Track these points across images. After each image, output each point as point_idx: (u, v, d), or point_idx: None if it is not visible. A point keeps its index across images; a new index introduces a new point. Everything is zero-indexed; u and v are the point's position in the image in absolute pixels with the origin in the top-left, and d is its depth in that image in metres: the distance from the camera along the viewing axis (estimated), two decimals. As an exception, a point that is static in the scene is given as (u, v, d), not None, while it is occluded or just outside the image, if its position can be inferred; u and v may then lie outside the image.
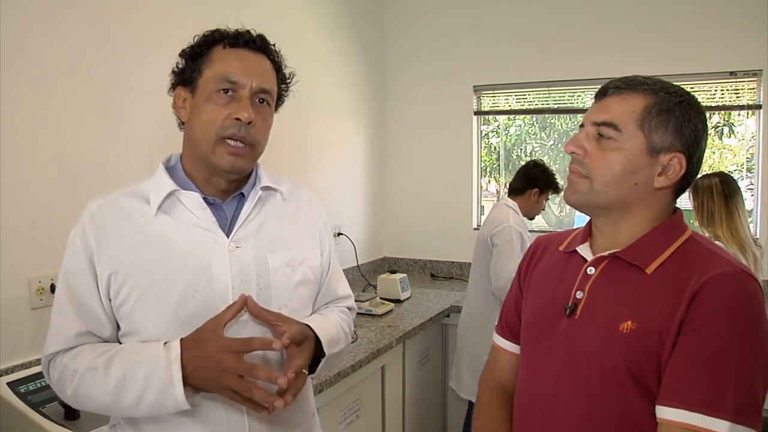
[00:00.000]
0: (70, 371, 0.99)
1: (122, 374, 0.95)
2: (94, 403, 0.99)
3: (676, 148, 0.94)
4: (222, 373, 0.92)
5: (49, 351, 1.03)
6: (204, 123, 1.01)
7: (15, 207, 1.61)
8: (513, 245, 2.42)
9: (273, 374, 0.93)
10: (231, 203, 1.09)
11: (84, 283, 1.01)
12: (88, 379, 0.97)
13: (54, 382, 1.04)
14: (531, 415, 1.03)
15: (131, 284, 1.00)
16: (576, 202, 1.00)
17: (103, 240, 1.01)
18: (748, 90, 2.96)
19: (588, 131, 0.98)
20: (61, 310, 1.03)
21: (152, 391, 0.93)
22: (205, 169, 1.05)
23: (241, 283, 1.03)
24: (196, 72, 1.03)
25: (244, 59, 1.03)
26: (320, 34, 3.05)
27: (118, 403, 0.96)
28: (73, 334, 1.01)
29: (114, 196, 1.06)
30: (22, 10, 1.62)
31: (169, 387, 0.92)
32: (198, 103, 1.03)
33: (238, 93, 1.01)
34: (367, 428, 2.29)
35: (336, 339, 1.11)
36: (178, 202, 1.04)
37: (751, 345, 0.84)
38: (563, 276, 1.04)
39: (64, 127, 1.74)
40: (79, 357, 0.99)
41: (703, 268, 0.89)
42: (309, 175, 2.98)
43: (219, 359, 0.92)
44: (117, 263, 1.00)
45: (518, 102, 3.50)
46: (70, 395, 0.99)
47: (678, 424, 0.84)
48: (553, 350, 1.00)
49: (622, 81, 0.97)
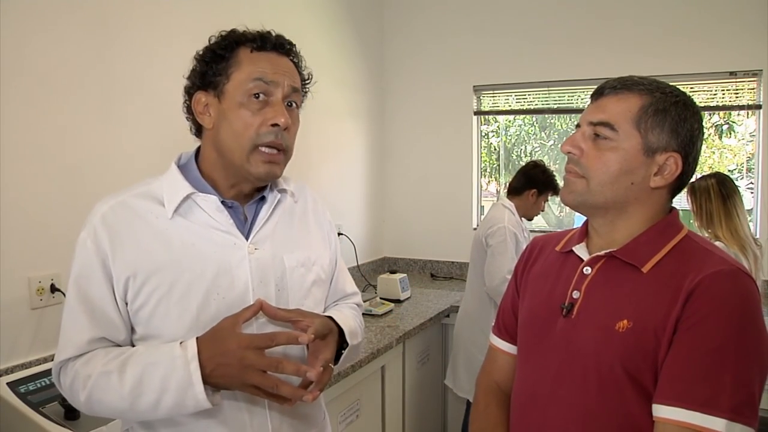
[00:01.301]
0: (82, 377, 0.95)
1: (138, 377, 0.92)
2: (109, 409, 0.96)
3: (672, 148, 0.94)
4: (245, 369, 0.90)
5: (60, 358, 0.99)
6: (237, 130, 0.98)
7: (15, 207, 1.61)
8: (507, 246, 2.42)
9: (302, 367, 0.91)
10: (251, 205, 1.08)
11: (98, 287, 0.98)
12: (102, 384, 0.94)
13: (66, 390, 1.00)
14: (528, 415, 1.03)
15: (150, 287, 0.97)
16: (572, 202, 1.00)
17: (117, 243, 0.98)
18: (748, 90, 2.96)
19: (584, 131, 0.98)
20: (73, 315, 0.99)
21: (171, 392, 0.91)
22: (233, 175, 1.03)
23: (260, 285, 1.03)
24: (222, 76, 1.00)
25: (274, 61, 1.01)
26: (320, 35, 3.06)
27: (134, 407, 0.93)
28: (86, 340, 0.98)
29: (124, 197, 1.02)
30: (22, 10, 1.62)
31: (189, 386, 0.90)
32: (228, 109, 0.99)
33: (272, 97, 1.00)
34: (367, 428, 2.29)
35: (355, 331, 1.11)
36: (194, 205, 1.02)
37: (747, 343, 0.84)
38: (560, 276, 1.04)
39: (64, 127, 1.74)
40: (91, 362, 0.96)
41: (698, 267, 0.89)
42: (309, 175, 2.98)
43: (241, 356, 0.90)
44: (135, 266, 0.97)
45: (518, 102, 3.51)
46: (84, 402, 0.96)
47: (675, 423, 0.84)
48: (549, 350, 1.00)
49: (618, 81, 0.97)
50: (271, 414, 1.03)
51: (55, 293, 1.70)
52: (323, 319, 1.02)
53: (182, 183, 1.02)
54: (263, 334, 0.94)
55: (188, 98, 1.06)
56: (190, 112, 1.06)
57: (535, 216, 2.71)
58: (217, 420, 1.00)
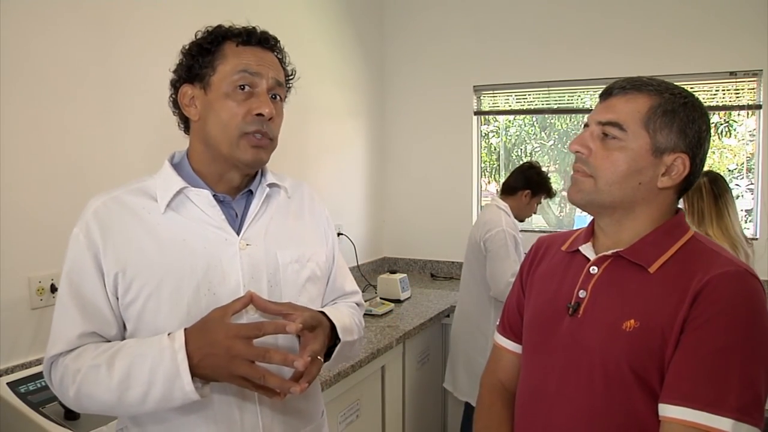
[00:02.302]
0: (71, 372, 0.95)
1: (126, 370, 0.91)
2: (97, 404, 0.95)
3: (680, 149, 0.94)
4: (232, 360, 0.89)
5: (51, 353, 0.99)
6: (223, 120, 1.00)
7: (15, 207, 1.61)
8: (508, 249, 2.41)
9: (289, 356, 0.90)
10: (240, 201, 1.09)
11: (90, 282, 0.99)
12: (90, 377, 0.93)
13: (56, 386, 1.00)
14: (533, 414, 1.03)
15: (140, 283, 0.98)
16: (580, 201, 1.00)
17: (109, 237, 0.99)
18: (748, 90, 2.96)
19: (593, 131, 0.98)
20: (65, 310, 0.99)
21: (158, 384, 0.90)
22: (220, 165, 1.05)
23: (252, 281, 1.03)
24: (208, 68, 1.02)
25: (258, 55, 1.04)
26: (320, 35, 3.05)
27: (122, 401, 0.92)
28: (77, 334, 0.98)
29: (118, 193, 1.03)
30: (23, 10, 1.61)
31: (176, 377, 0.89)
32: (214, 100, 1.01)
33: (256, 89, 1.02)
34: (367, 428, 2.28)
35: (350, 328, 1.10)
36: (187, 200, 1.03)
37: (754, 343, 0.85)
38: (566, 275, 1.04)
39: (64, 127, 1.73)
40: (81, 357, 0.96)
41: (705, 268, 0.89)
42: (309, 175, 2.98)
43: (229, 345, 0.89)
44: (125, 261, 0.98)
45: (518, 102, 3.51)
46: (73, 397, 0.96)
47: (681, 422, 0.84)
48: (555, 349, 1.00)
49: (627, 81, 0.97)
50: (262, 410, 1.03)
51: (55, 293, 1.67)
52: (313, 312, 1.01)
53: (175, 178, 1.04)
54: (251, 323, 0.93)
55: (174, 91, 1.07)
56: (177, 105, 1.08)
57: (526, 217, 2.69)
58: (206, 416, 1.00)
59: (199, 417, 1.00)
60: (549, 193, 2.64)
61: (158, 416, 1.00)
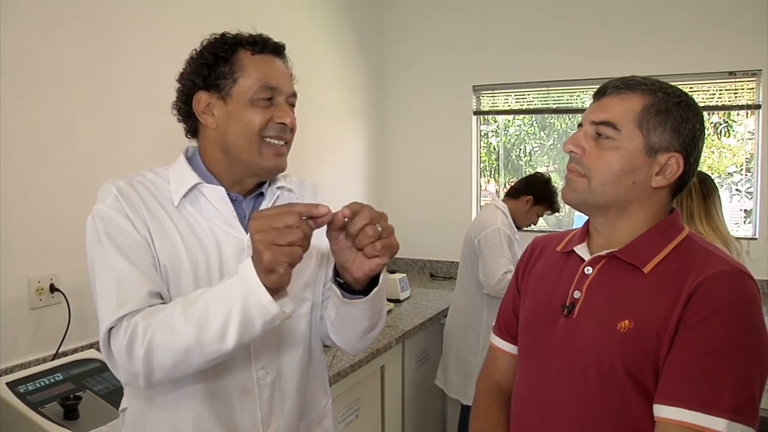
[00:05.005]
0: (141, 328, 0.90)
1: (203, 306, 0.87)
2: (171, 353, 0.88)
3: (674, 148, 0.94)
4: (279, 232, 0.81)
5: (118, 315, 0.92)
6: (245, 128, 1.02)
7: (15, 207, 1.61)
8: (502, 246, 2.42)
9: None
10: (250, 202, 1.11)
11: (137, 243, 0.98)
12: (165, 325, 0.89)
13: (121, 349, 0.91)
14: (528, 415, 1.03)
15: (163, 256, 1.00)
16: (574, 200, 1.00)
17: (136, 210, 0.99)
18: (748, 90, 2.96)
19: (586, 130, 0.98)
20: (120, 269, 0.95)
21: (236, 311, 0.85)
22: (238, 171, 1.06)
23: None
24: (228, 80, 1.03)
25: (274, 65, 1.06)
26: (320, 35, 3.05)
27: (201, 339, 0.87)
28: (146, 292, 0.94)
29: (137, 177, 1.05)
30: (23, 11, 1.62)
31: (250, 294, 0.84)
32: (235, 110, 1.03)
33: (277, 98, 1.05)
34: (367, 428, 2.29)
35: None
36: (200, 195, 1.05)
37: (748, 343, 0.85)
38: (561, 276, 1.04)
39: (64, 127, 1.74)
40: (150, 314, 0.92)
41: (700, 267, 0.89)
42: (309, 175, 2.94)
43: (266, 226, 0.82)
44: (153, 232, 0.99)
45: (518, 102, 3.51)
46: (143, 354, 0.89)
47: (675, 423, 0.84)
48: (550, 350, 1.00)
49: (620, 81, 0.97)
50: (261, 399, 1.04)
51: (55, 293, 1.69)
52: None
53: (190, 173, 1.05)
54: (280, 207, 0.86)
55: (184, 97, 1.07)
56: (185, 111, 1.08)
57: (525, 225, 2.68)
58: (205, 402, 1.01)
59: (199, 399, 1.01)
60: (552, 207, 2.63)
61: (164, 400, 1.02)
